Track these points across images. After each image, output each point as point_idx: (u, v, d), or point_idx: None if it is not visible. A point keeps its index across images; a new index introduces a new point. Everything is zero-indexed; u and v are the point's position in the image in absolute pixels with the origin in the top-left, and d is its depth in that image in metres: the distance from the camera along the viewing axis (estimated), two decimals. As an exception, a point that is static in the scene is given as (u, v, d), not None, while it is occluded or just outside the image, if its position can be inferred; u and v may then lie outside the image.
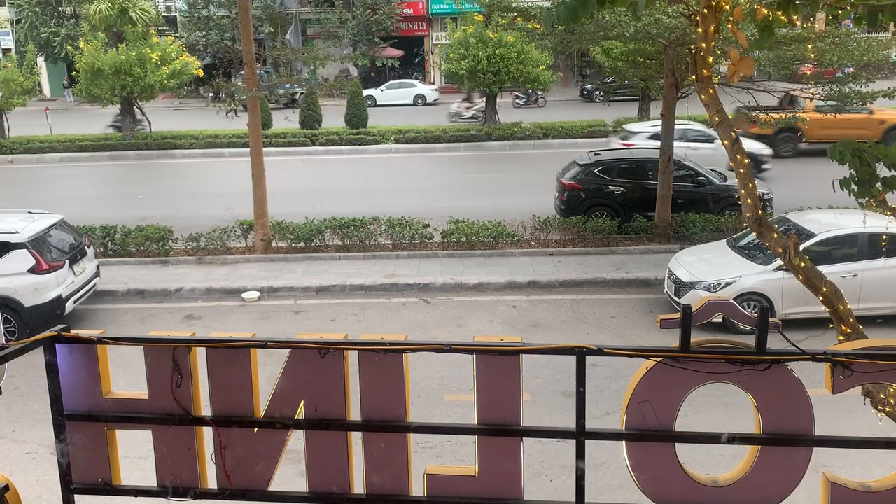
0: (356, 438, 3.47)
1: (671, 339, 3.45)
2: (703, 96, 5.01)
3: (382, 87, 41.64)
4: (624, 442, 3.34)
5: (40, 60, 41.50)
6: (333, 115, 30.50)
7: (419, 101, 40.80)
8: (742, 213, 5.04)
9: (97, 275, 13.41)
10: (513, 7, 16.08)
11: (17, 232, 11.92)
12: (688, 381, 3.25)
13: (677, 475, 3.32)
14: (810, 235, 11.57)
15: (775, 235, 4.86)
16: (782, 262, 4.95)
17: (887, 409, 4.44)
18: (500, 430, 3.36)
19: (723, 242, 13.17)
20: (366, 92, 34.47)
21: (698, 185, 16.48)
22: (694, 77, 5.01)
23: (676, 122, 16.07)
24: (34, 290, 11.76)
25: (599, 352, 3.21)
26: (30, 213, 13.00)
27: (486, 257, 15.24)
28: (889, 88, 15.18)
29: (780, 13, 4.16)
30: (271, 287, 14.01)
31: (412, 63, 47.46)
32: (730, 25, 4.79)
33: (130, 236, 15.74)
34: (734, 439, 3.32)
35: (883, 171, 4.29)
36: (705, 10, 4.70)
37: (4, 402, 9.29)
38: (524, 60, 26.91)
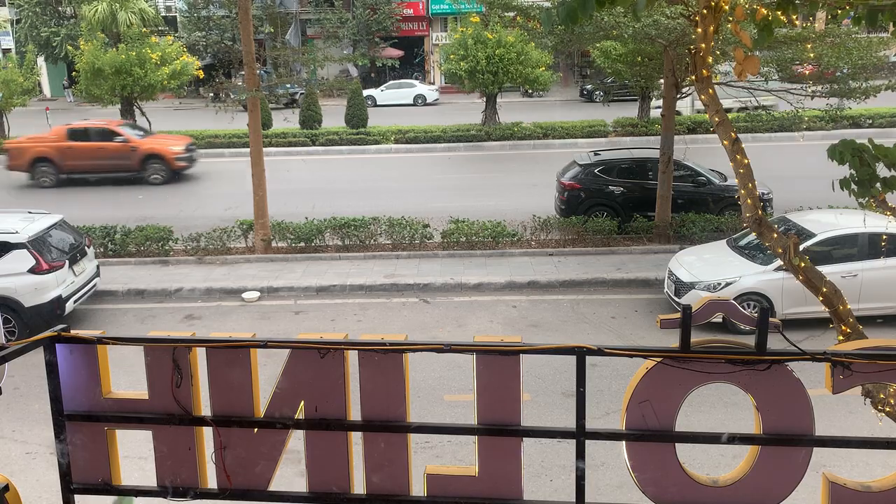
0: (356, 438, 3.47)
1: (671, 339, 3.45)
2: (702, 96, 5.01)
3: (382, 88, 41.64)
4: (624, 442, 3.34)
5: (40, 60, 41.48)
6: (333, 115, 30.48)
7: (419, 101, 40.80)
8: (742, 214, 5.04)
9: (97, 275, 13.40)
10: (513, 6, 16.06)
11: (17, 232, 11.92)
12: (688, 381, 3.25)
13: (677, 475, 3.32)
14: (810, 235, 11.56)
15: (775, 235, 4.86)
16: (782, 262, 4.94)
17: (887, 409, 4.43)
18: (500, 430, 3.36)
19: (723, 242, 13.17)
20: (366, 92, 34.46)
21: (698, 185, 16.47)
22: (694, 77, 5.01)
23: None
24: (34, 290, 11.76)
25: (599, 352, 3.21)
26: (30, 213, 13.00)
27: (486, 257, 15.24)
28: (891, 81, 15.20)
29: (779, 13, 4.16)
30: (271, 287, 14.01)
31: (412, 63, 47.42)
32: (731, 26, 4.79)
33: (130, 236, 15.74)
34: (734, 439, 3.32)
35: (883, 171, 4.29)
36: (705, 11, 4.70)
37: (4, 402, 9.28)
38: (524, 61, 26.90)
